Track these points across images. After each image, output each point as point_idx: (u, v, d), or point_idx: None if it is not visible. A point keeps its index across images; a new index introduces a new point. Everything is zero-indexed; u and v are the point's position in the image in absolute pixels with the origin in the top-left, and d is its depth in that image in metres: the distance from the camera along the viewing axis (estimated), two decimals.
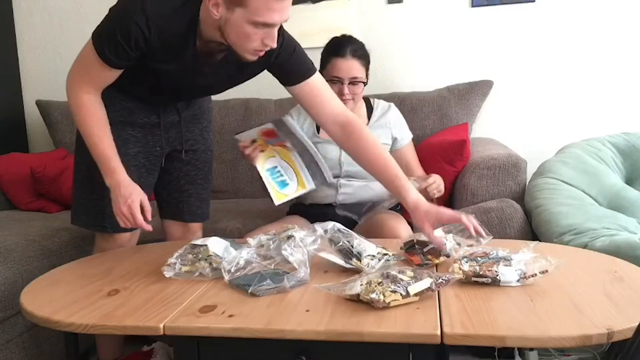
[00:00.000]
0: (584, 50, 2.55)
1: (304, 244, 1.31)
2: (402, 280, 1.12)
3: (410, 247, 1.39)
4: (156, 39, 1.38)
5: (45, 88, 2.96)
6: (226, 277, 1.27)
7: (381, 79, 1.86)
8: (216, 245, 1.36)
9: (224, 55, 1.49)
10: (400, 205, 1.99)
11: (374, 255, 1.32)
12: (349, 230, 1.39)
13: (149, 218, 1.47)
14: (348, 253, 1.31)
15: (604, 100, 2.56)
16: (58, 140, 2.72)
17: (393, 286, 1.10)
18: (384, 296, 1.08)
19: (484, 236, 1.35)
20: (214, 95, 1.80)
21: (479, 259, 1.23)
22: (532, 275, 1.18)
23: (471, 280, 1.19)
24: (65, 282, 1.36)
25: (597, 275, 1.24)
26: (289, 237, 1.33)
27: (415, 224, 1.39)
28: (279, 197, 1.57)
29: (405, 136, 1.97)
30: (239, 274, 1.28)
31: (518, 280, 1.17)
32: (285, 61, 1.54)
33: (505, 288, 1.16)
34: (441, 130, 2.41)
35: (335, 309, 1.10)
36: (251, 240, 1.39)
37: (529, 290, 1.15)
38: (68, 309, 1.18)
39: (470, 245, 1.35)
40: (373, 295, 1.08)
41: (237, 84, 1.64)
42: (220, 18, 1.33)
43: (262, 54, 1.40)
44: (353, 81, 1.82)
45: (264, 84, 2.79)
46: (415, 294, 1.11)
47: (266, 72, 1.59)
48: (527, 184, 2.10)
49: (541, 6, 2.56)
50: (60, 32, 2.93)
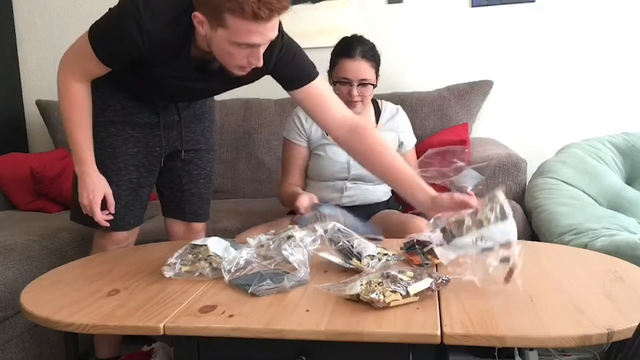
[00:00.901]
0: (583, 50, 2.55)
1: (304, 244, 1.31)
2: (402, 280, 1.12)
3: (411, 248, 1.39)
4: (150, 49, 1.39)
5: (45, 88, 2.96)
6: (226, 277, 1.27)
7: (381, 79, 1.86)
8: (216, 245, 1.36)
9: (220, 65, 1.48)
10: (401, 206, 1.99)
11: (373, 255, 1.32)
12: (348, 230, 1.39)
13: (112, 211, 1.56)
14: (348, 253, 1.31)
15: (604, 100, 2.56)
16: (58, 140, 2.72)
17: (393, 286, 1.10)
18: (384, 296, 1.08)
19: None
20: (224, 96, 1.80)
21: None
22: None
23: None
24: (65, 282, 1.36)
25: (597, 275, 1.24)
26: (289, 237, 1.33)
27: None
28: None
29: (410, 141, 1.96)
30: (238, 274, 1.28)
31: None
32: (286, 67, 1.53)
33: (506, 288, 1.16)
34: (441, 130, 2.41)
35: (335, 309, 1.10)
36: (251, 240, 1.39)
37: (529, 290, 1.14)
38: (68, 309, 1.18)
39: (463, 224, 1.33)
40: (373, 295, 1.08)
41: (237, 87, 1.64)
42: (206, 35, 1.35)
43: (249, 69, 1.40)
44: (362, 83, 1.80)
45: (264, 84, 2.78)
46: (415, 294, 1.10)
47: (267, 75, 1.58)
48: (527, 184, 2.10)
49: (541, 6, 2.56)
50: (60, 32, 2.93)
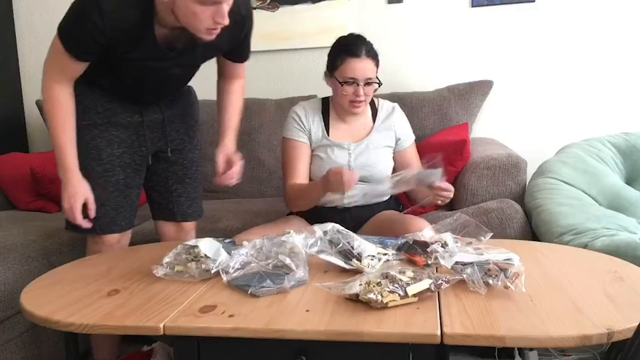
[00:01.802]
0: (583, 50, 2.55)
1: (302, 245, 1.31)
2: (402, 280, 1.12)
3: (411, 248, 1.39)
4: (112, 31, 1.41)
5: None
6: (224, 278, 1.27)
7: (381, 78, 1.85)
8: (208, 246, 1.36)
9: (187, 39, 1.49)
10: (402, 207, 1.99)
11: (374, 256, 1.32)
12: (348, 231, 1.39)
13: (92, 216, 1.57)
14: (348, 254, 1.31)
15: (604, 100, 2.56)
16: None
17: (391, 286, 1.10)
18: (382, 296, 1.08)
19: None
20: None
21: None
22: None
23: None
24: (65, 282, 1.36)
25: (597, 275, 1.24)
26: (283, 243, 1.33)
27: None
28: None
29: (408, 138, 1.95)
30: (236, 274, 1.28)
31: None
32: (248, 33, 1.61)
33: (506, 290, 1.16)
34: (441, 130, 2.41)
35: (335, 309, 1.10)
36: (247, 243, 1.39)
37: (529, 290, 1.15)
38: (68, 309, 1.18)
39: (469, 244, 1.35)
40: (371, 296, 1.08)
41: (209, 59, 1.67)
42: (170, 0, 1.36)
43: (217, 31, 1.41)
44: (368, 82, 1.80)
45: (264, 84, 2.80)
46: (414, 295, 1.11)
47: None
48: (527, 184, 2.10)
49: (541, 6, 2.56)
50: None
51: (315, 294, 1.18)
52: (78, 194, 1.54)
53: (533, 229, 1.94)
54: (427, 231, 1.44)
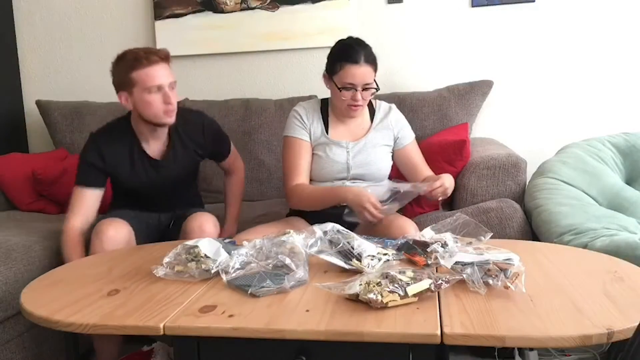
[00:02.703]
0: (583, 50, 2.55)
1: (302, 245, 1.31)
2: (402, 280, 1.13)
3: (411, 249, 1.39)
4: (109, 154, 1.84)
5: (45, 88, 2.96)
6: (224, 278, 1.27)
7: (381, 79, 1.85)
8: (208, 246, 1.36)
9: (168, 147, 1.90)
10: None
11: (374, 256, 1.32)
12: (348, 231, 1.39)
13: None
14: (348, 254, 1.31)
15: (604, 100, 2.56)
16: (58, 140, 2.72)
17: (391, 286, 1.10)
18: (382, 296, 1.08)
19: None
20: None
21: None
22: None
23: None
24: (65, 282, 1.36)
25: (597, 275, 1.24)
26: (283, 243, 1.33)
27: None
28: None
29: (406, 135, 1.95)
30: (235, 274, 1.28)
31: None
32: (211, 133, 1.99)
33: (506, 290, 1.16)
34: (441, 130, 2.41)
35: (335, 309, 1.10)
36: (247, 244, 1.39)
37: (529, 290, 1.15)
38: (68, 309, 1.18)
39: (469, 244, 1.35)
40: (371, 295, 1.08)
41: (195, 164, 2.02)
42: (132, 104, 1.79)
43: (173, 110, 1.79)
44: (366, 87, 1.81)
45: (264, 84, 2.80)
46: (414, 295, 1.11)
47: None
48: (527, 184, 2.10)
49: (541, 6, 2.56)
50: (60, 33, 2.93)
51: (315, 294, 1.18)
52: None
53: (533, 229, 1.94)
54: (427, 231, 1.44)
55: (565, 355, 1.92)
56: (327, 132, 1.89)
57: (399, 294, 1.09)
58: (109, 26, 2.89)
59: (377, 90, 1.84)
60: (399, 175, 2.02)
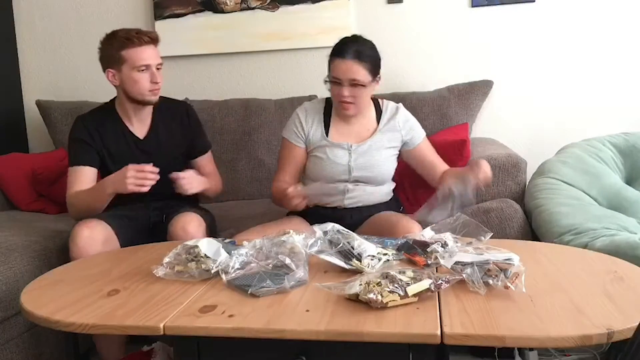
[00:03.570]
0: (583, 50, 2.55)
1: (302, 245, 1.31)
2: (402, 280, 1.12)
3: (411, 249, 1.39)
4: (96, 133, 1.91)
5: (45, 88, 2.96)
6: (224, 278, 1.27)
7: (381, 79, 1.85)
8: (208, 246, 1.35)
9: (151, 128, 1.96)
10: (402, 208, 1.99)
11: (374, 256, 1.32)
12: (349, 231, 1.39)
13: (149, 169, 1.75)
14: (348, 254, 1.31)
15: (604, 100, 2.56)
16: (58, 140, 2.72)
17: (391, 286, 1.10)
18: (382, 296, 1.08)
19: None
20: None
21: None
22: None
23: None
24: (65, 282, 1.36)
25: (597, 275, 1.24)
26: (283, 243, 1.33)
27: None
28: None
29: (417, 135, 1.91)
30: (235, 274, 1.28)
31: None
32: (194, 120, 2.06)
33: (506, 290, 1.16)
34: (441, 130, 2.41)
35: (335, 309, 1.10)
36: (247, 244, 1.39)
37: (529, 290, 1.15)
38: (68, 309, 1.18)
39: (469, 244, 1.35)
40: (371, 295, 1.08)
41: (178, 148, 2.00)
42: (119, 81, 1.86)
43: (158, 90, 1.88)
44: (353, 83, 1.78)
45: (264, 84, 2.80)
46: (414, 295, 1.11)
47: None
48: (527, 184, 2.10)
49: (541, 6, 2.56)
50: (60, 33, 2.93)
51: (315, 294, 1.18)
52: (124, 169, 1.73)
53: (533, 229, 1.94)
54: (427, 231, 1.44)
55: (565, 355, 1.92)
56: (328, 134, 1.88)
57: (399, 294, 1.09)
58: (109, 26, 2.84)
59: (365, 87, 1.80)
60: (402, 178, 2.01)
